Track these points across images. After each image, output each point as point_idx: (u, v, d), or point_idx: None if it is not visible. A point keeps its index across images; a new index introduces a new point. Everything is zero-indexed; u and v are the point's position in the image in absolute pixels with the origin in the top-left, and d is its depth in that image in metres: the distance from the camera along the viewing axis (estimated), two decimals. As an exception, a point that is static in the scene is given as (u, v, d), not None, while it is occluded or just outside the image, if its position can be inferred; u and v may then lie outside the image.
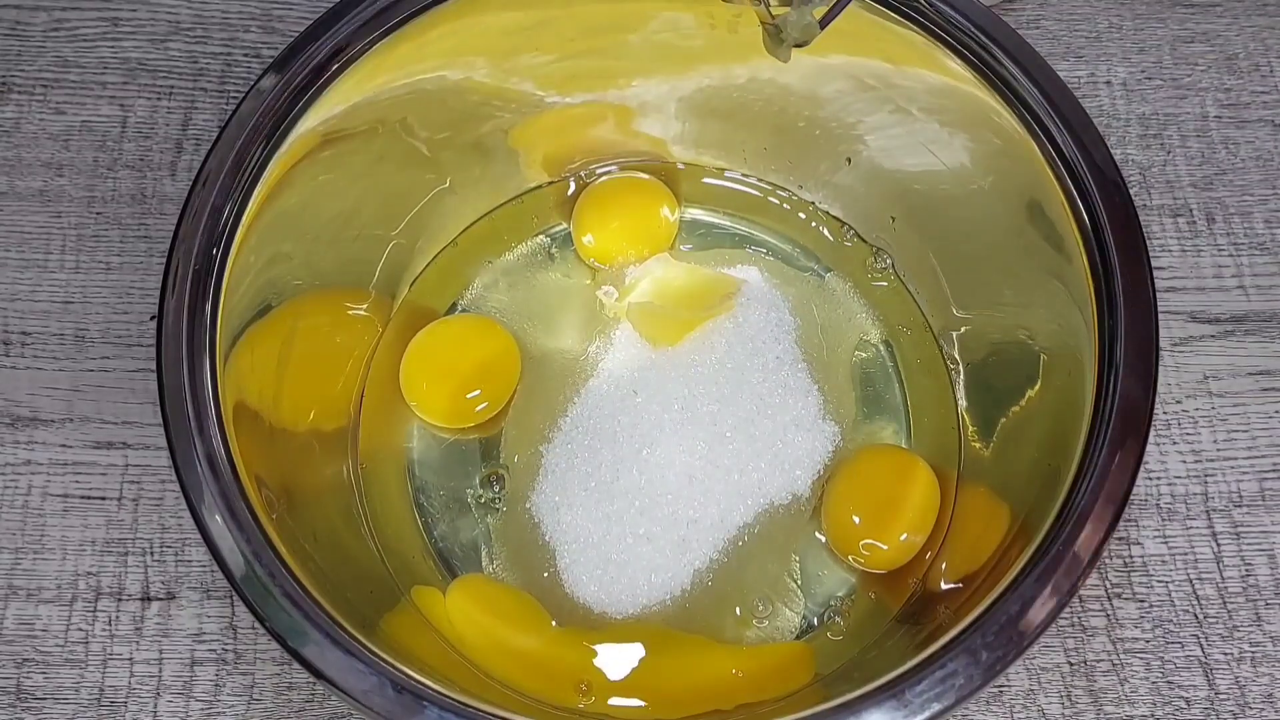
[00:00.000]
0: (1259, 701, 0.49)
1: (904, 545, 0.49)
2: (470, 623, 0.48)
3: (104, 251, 0.56)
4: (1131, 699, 0.49)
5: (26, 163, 0.58)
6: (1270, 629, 0.50)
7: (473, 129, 0.53)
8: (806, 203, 0.57)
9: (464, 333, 0.54)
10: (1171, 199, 0.58)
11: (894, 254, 0.55)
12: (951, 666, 0.38)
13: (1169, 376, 0.54)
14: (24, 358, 0.54)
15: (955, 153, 0.50)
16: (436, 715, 0.37)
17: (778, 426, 0.52)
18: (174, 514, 0.51)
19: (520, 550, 0.50)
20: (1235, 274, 0.57)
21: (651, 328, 0.53)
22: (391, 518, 0.51)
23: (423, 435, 0.53)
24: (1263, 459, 0.53)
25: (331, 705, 0.48)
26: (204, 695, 0.48)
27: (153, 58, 0.61)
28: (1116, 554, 0.51)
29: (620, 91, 0.54)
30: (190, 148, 0.58)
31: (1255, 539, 0.52)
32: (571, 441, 0.51)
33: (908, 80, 0.49)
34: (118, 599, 0.50)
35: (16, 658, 0.49)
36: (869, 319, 0.55)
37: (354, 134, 0.49)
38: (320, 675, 0.38)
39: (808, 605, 0.49)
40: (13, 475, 0.52)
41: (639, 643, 0.48)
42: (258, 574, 0.39)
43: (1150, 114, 0.60)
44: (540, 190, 0.57)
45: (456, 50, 0.50)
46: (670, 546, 0.49)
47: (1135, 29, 0.62)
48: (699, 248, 0.57)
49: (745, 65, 0.52)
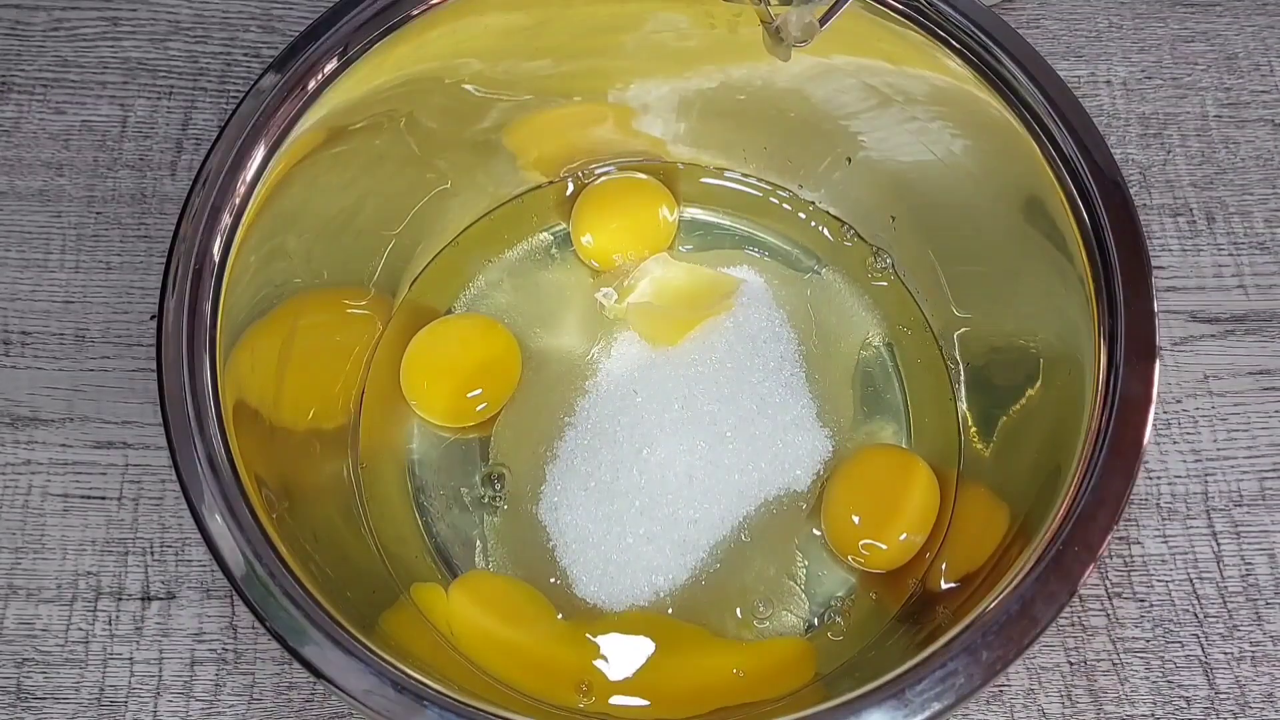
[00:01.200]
0: (1259, 701, 0.49)
1: (904, 545, 0.49)
2: (472, 621, 0.48)
3: (104, 251, 0.56)
4: (1131, 698, 0.49)
5: (26, 163, 0.58)
6: (1270, 628, 0.50)
7: (473, 129, 0.53)
8: (806, 203, 0.57)
9: (465, 332, 0.54)
10: (1171, 199, 0.58)
11: (894, 254, 0.55)
12: (952, 666, 0.38)
13: (1169, 376, 0.54)
14: (24, 358, 0.54)
15: (955, 152, 0.50)
16: (436, 715, 0.37)
17: (778, 426, 0.52)
18: (174, 514, 0.51)
19: (520, 550, 0.50)
20: (1235, 273, 0.57)
21: (651, 328, 0.53)
22: (392, 517, 0.51)
23: (423, 434, 0.53)
24: (1263, 459, 0.53)
25: (331, 705, 0.48)
26: (204, 695, 0.48)
27: (153, 57, 0.61)
28: (1116, 554, 0.51)
29: (620, 91, 0.54)
30: (190, 148, 0.58)
31: (1255, 538, 0.52)
32: (571, 441, 0.52)
33: (908, 80, 0.49)
34: (118, 599, 0.50)
35: (16, 657, 0.49)
36: (869, 319, 0.55)
37: (354, 133, 0.49)
38: (320, 675, 0.38)
39: (808, 605, 0.49)
40: (13, 475, 0.52)
41: (640, 636, 0.48)
42: (258, 574, 0.39)
43: (1150, 113, 0.60)
44: (540, 190, 0.57)
45: (456, 50, 0.50)
46: (670, 546, 0.49)
47: (1135, 28, 0.62)
48: (699, 248, 0.57)
49: (745, 65, 0.52)
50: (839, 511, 0.50)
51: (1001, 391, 0.50)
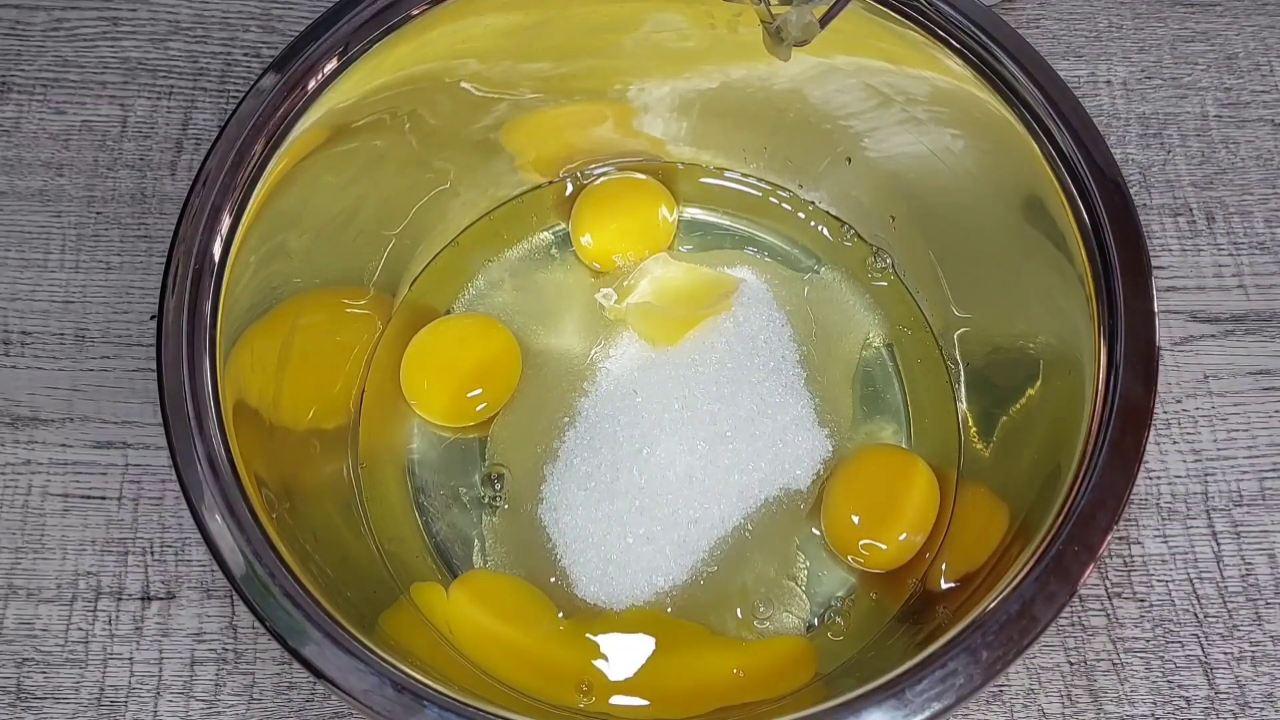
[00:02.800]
0: (1259, 701, 0.49)
1: (904, 545, 0.49)
2: (472, 621, 0.48)
3: (104, 251, 0.56)
4: (1131, 698, 0.49)
5: (26, 162, 0.58)
6: (1270, 628, 0.50)
7: (472, 128, 0.53)
8: (806, 203, 0.57)
9: (465, 332, 0.54)
10: (1171, 198, 0.58)
11: (894, 253, 0.55)
12: (952, 666, 0.38)
13: (1169, 376, 0.54)
14: (24, 358, 0.54)
15: (955, 152, 0.50)
16: (436, 715, 0.37)
17: (778, 426, 0.52)
18: (174, 514, 0.51)
19: (519, 550, 0.50)
20: (1235, 273, 0.57)
21: (651, 328, 0.53)
22: (391, 517, 0.51)
23: (423, 434, 0.53)
24: (1263, 458, 0.53)
25: (331, 705, 0.48)
26: (204, 695, 0.48)
27: (153, 57, 0.61)
28: (1116, 554, 0.51)
29: (619, 91, 0.54)
30: (190, 148, 0.58)
31: (1255, 538, 0.52)
32: (571, 441, 0.51)
33: (907, 80, 0.49)
34: (118, 599, 0.50)
35: (16, 657, 0.49)
36: (869, 319, 0.55)
37: (354, 133, 0.49)
38: (320, 675, 0.38)
39: (808, 605, 0.49)
40: (13, 475, 0.52)
41: (640, 636, 0.48)
42: (258, 574, 0.39)
43: (1150, 113, 0.60)
44: (540, 190, 0.57)
45: (456, 50, 0.50)
46: (670, 547, 0.49)
47: (1135, 28, 0.62)
48: (698, 248, 0.57)
49: (745, 65, 0.52)
50: (839, 511, 0.50)
51: (1001, 391, 0.50)
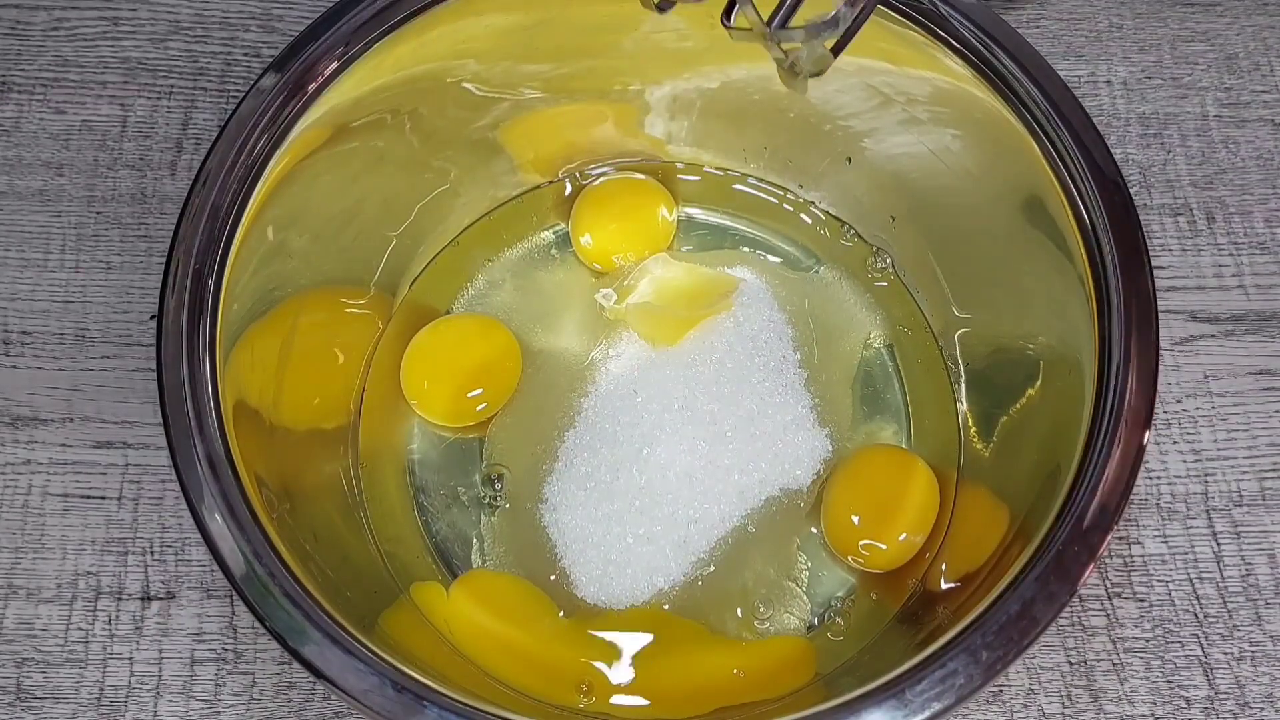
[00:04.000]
0: (1259, 701, 0.49)
1: (904, 545, 0.49)
2: (472, 620, 0.48)
3: (104, 251, 0.56)
4: (1131, 699, 0.49)
5: (26, 162, 0.58)
6: (1270, 628, 0.50)
7: (472, 128, 0.53)
8: (806, 203, 0.57)
9: (465, 332, 0.54)
10: (1171, 198, 0.58)
11: (894, 254, 0.55)
12: (952, 666, 0.38)
13: (1169, 376, 0.54)
14: (24, 357, 0.54)
15: (955, 152, 0.50)
16: (436, 715, 0.37)
17: (778, 426, 0.52)
18: (174, 514, 0.51)
19: (520, 550, 0.50)
20: (1235, 273, 0.57)
21: (651, 328, 0.53)
22: (391, 517, 0.51)
23: (423, 434, 0.53)
24: (1263, 459, 0.53)
25: (331, 705, 0.48)
26: (204, 695, 0.48)
27: (153, 57, 0.61)
28: (1116, 554, 0.51)
29: (619, 91, 0.54)
30: (190, 147, 0.58)
31: (1255, 538, 0.52)
32: (571, 441, 0.51)
33: (908, 80, 0.49)
34: (118, 598, 0.50)
35: (16, 657, 0.49)
36: (869, 319, 0.55)
37: (354, 133, 0.49)
38: (320, 675, 0.38)
39: (808, 605, 0.49)
40: (13, 475, 0.52)
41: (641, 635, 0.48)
42: (258, 574, 0.39)
43: (1150, 113, 0.60)
44: (540, 190, 0.57)
45: (456, 50, 0.50)
46: (670, 547, 0.49)
47: (1135, 28, 0.62)
48: (698, 248, 0.57)
49: (744, 65, 0.52)
50: (839, 511, 0.50)
51: (1001, 391, 0.50)
